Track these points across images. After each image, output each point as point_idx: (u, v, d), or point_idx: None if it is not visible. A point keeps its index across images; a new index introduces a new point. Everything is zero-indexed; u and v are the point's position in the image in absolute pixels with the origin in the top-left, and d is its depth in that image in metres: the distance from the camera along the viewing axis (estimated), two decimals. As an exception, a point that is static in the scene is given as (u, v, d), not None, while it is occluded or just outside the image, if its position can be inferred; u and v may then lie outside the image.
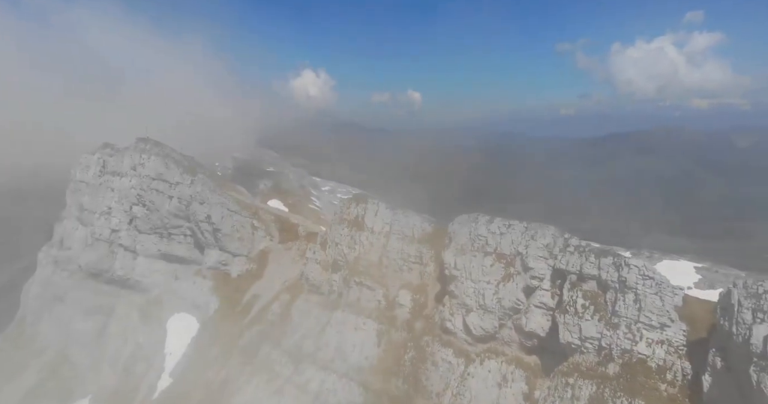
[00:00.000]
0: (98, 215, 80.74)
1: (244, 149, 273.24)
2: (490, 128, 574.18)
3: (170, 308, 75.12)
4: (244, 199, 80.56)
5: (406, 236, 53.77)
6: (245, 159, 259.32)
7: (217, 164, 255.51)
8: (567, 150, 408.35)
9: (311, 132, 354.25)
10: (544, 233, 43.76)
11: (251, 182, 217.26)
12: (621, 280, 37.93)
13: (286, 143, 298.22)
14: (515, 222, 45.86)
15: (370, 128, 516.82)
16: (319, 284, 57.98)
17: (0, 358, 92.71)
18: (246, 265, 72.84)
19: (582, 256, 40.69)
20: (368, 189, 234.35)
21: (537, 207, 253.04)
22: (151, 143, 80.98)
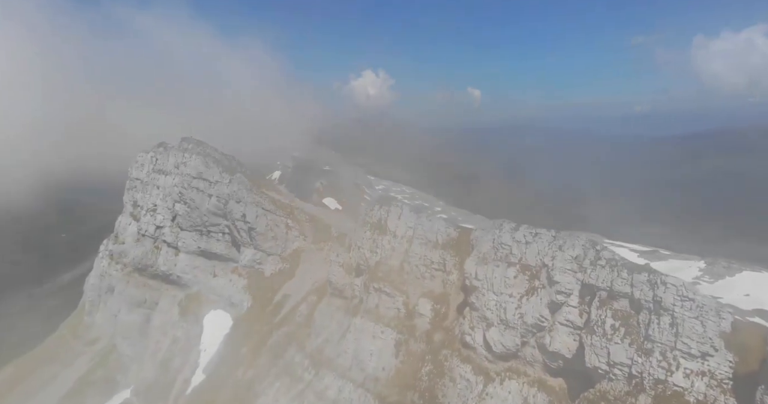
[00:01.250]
0: (145, 211, 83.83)
1: (303, 149, 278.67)
2: (555, 126, 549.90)
3: (207, 304, 76.52)
4: (281, 198, 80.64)
5: (429, 241, 50.93)
6: (304, 158, 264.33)
7: (278, 162, 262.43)
8: (643, 149, 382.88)
9: (369, 131, 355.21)
10: (573, 243, 39.52)
11: (308, 180, 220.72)
12: (656, 300, 33.33)
13: (344, 142, 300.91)
14: (542, 231, 41.88)
15: (428, 127, 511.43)
16: (342, 288, 56.37)
17: (59, 345, 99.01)
18: (279, 264, 72.71)
19: (613, 271, 36.28)
20: (423, 189, 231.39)
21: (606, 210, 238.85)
22: (194, 142, 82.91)
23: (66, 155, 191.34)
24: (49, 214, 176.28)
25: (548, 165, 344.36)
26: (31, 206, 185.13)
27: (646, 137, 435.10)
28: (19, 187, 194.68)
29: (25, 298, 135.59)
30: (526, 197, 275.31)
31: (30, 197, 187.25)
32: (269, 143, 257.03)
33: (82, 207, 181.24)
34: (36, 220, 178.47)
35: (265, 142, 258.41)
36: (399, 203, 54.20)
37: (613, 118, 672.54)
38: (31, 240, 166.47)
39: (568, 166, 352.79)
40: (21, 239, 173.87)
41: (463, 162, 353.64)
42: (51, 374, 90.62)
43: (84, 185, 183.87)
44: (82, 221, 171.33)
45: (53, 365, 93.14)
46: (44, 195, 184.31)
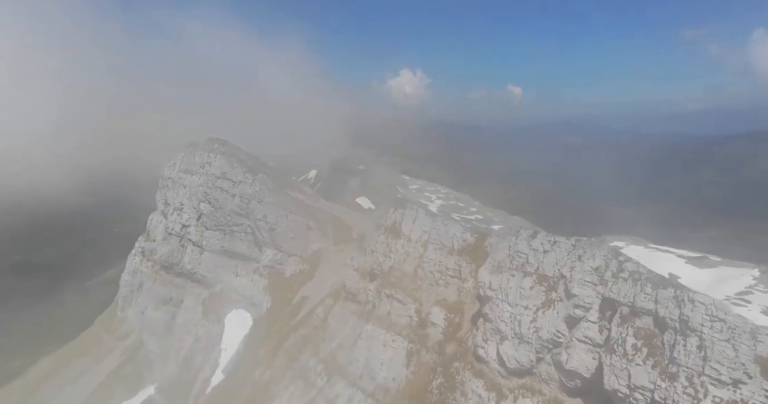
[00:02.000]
0: (172, 210, 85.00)
1: (339, 148, 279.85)
2: (598, 124, 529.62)
3: (230, 303, 76.78)
4: (304, 199, 80.00)
5: (444, 246, 48.74)
6: (339, 157, 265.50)
7: (315, 162, 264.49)
8: (694, 149, 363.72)
9: (405, 131, 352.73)
10: (593, 253, 36.54)
11: (342, 179, 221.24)
12: (682, 319, 30.14)
13: (380, 141, 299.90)
14: (561, 239, 39.02)
15: (465, 126, 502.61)
16: (356, 293, 54.94)
17: (93, 339, 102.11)
18: (299, 265, 72.11)
19: (636, 285, 33.20)
20: (460, 188, 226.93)
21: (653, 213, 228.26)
22: (219, 142, 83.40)
23: (106, 152, 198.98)
24: (101, 209, 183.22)
25: (592, 165, 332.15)
26: (83, 202, 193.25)
27: (697, 136, 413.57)
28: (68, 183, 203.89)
29: (77, 291, 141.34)
30: (568, 198, 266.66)
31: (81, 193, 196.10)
32: (306, 143, 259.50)
33: (133, 203, 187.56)
34: (89, 215, 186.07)
35: (303, 142, 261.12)
36: (414, 206, 52.17)
37: (660, 116, 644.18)
38: (87, 234, 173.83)
39: (613, 165, 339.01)
40: (76, 233, 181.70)
41: (503, 161, 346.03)
42: (84, 367, 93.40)
43: (133, 183, 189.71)
44: (135, 217, 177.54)
45: (87, 358, 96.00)
46: (97, 192, 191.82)
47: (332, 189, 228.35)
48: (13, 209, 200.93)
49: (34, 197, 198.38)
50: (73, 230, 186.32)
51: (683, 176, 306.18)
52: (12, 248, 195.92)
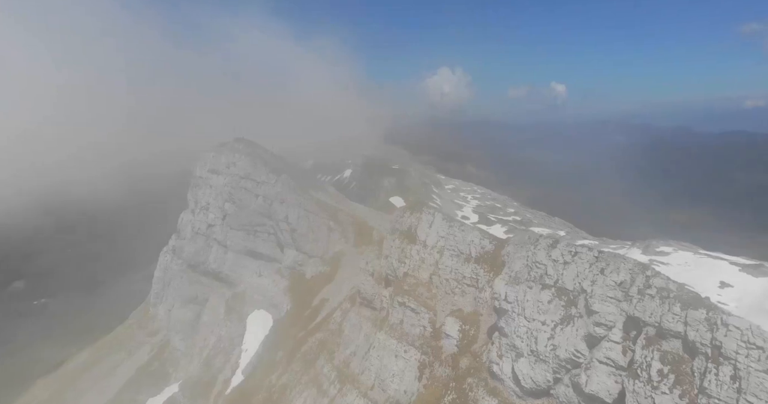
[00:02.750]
0: (200, 209, 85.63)
1: (375, 147, 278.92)
2: (647, 123, 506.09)
3: (252, 304, 76.55)
4: (327, 200, 78.75)
5: (461, 253, 46.09)
6: (373, 157, 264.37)
7: (350, 161, 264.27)
8: (754, 147, 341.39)
9: (442, 130, 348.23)
10: (617, 266, 33.20)
11: (376, 178, 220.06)
12: (715, 345, 26.70)
13: (416, 141, 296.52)
14: (583, 250, 35.79)
15: (505, 124, 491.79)
16: (371, 299, 53.05)
17: (126, 334, 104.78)
18: (320, 267, 70.92)
19: (664, 303, 29.79)
20: (498, 188, 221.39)
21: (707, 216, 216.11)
22: (245, 143, 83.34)
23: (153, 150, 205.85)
24: (151, 206, 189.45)
25: (640, 164, 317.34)
26: (133, 198, 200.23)
27: (757, 135, 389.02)
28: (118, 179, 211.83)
29: (125, 283, 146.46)
30: (614, 199, 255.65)
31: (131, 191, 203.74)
32: (342, 143, 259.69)
33: (181, 200, 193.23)
34: (139, 211, 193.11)
35: (339, 141, 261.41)
36: (431, 210, 49.67)
37: (715, 114, 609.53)
38: (137, 229, 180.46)
39: (663, 165, 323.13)
40: (127, 227, 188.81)
41: (544, 161, 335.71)
42: (117, 361, 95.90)
43: (180, 181, 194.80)
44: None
45: (120, 352, 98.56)
46: (146, 189, 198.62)
47: (366, 188, 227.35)
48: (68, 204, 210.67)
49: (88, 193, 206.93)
50: (124, 224, 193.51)
51: (740, 176, 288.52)
52: (68, 240, 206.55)
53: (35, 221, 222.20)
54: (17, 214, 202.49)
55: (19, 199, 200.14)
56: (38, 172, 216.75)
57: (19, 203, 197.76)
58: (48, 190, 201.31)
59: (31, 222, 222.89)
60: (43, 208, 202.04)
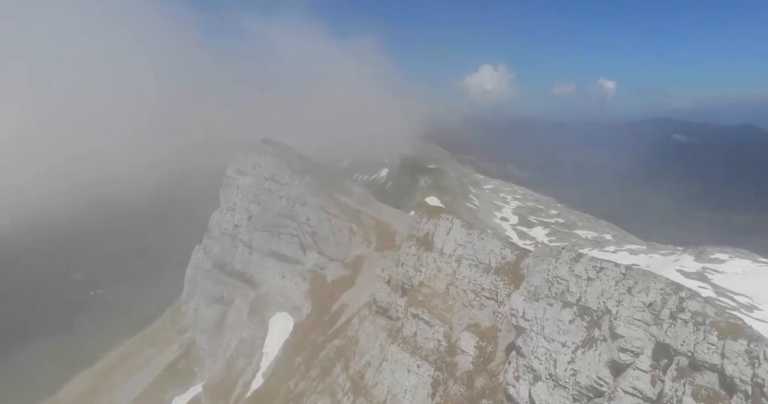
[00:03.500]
0: (227, 209, 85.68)
1: (411, 147, 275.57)
2: (706, 121, 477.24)
3: (274, 306, 75.81)
4: (350, 202, 76.91)
5: (480, 263, 43.13)
6: (410, 156, 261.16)
7: (386, 160, 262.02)
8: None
9: (482, 128, 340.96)
10: (647, 285, 29.63)
11: (413, 178, 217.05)
12: (757, 382, 23.10)
13: (455, 140, 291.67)
14: (609, 265, 32.33)
15: (549, 123, 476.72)
16: (387, 308, 50.82)
17: (159, 330, 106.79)
18: (341, 271, 69.30)
19: (698, 330, 26.18)
20: (541, 189, 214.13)
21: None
22: (272, 144, 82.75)
23: (190, 148, 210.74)
24: (200, 204, 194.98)
25: (698, 165, 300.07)
26: (182, 195, 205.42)
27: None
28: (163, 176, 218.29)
29: (172, 277, 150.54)
30: (668, 202, 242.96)
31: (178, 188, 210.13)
32: (379, 142, 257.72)
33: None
34: (190, 207, 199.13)
35: (375, 141, 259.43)
36: (449, 216, 46.84)
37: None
38: (194, 224, 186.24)
39: (724, 166, 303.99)
40: (181, 222, 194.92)
41: (593, 160, 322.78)
42: (148, 357, 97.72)
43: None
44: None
45: (152, 348, 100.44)
46: (192, 188, 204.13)
47: (402, 188, 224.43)
48: (113, 199, 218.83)
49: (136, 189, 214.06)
50: (169, 219, 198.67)
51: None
52: (127, 233, 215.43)
53: (87, 215, 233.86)
54: (70, 207, 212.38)
55: (71, 191, 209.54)
56: (79, 167, 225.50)
57: (71, 196, 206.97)
58: (92, 185, 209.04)
59: (84, 216, 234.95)
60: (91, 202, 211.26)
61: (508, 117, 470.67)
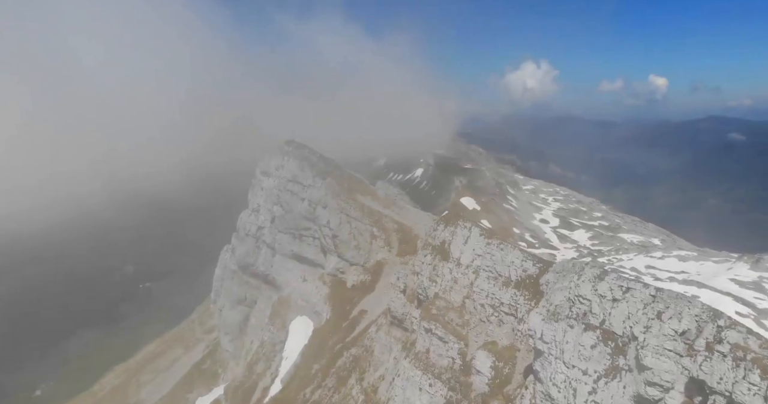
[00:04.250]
0: (251, 211, 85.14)
1: (447, 146, 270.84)
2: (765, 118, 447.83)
3: (296, 309, 74.61)
4: (374, 204, 74.62)
5: (499, 275, 40.08)
6: (445, 156, 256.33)
7: (421, 160, 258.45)
8: None
9: (523, 127, 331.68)
10: (680, 310, 26.11)
11: (448, 178, 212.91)
12: (809, 438, 19.35)
13: (494, 138, 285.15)
14: (637, 286, 28.88)
15: (595, 121, 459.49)
16: (402, 319, 48.37)
17: (188, 329, 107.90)
18: (361, 275, 67.27)
19: (739, 367, 22.62)
20: (583, 190, 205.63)
21: None
22: (295, 145, 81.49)
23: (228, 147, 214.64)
24: (236, 204, 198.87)
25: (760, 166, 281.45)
26: (214, 195, 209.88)
27: None
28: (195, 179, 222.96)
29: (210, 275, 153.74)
30: (723, 205, 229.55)
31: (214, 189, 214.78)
32: (415, 141, 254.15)
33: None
34: (225, 208, 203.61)
35: (411, 140, 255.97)
36: (467, 224, 43.84)
37: None
38: (230, 223, 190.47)
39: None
40: (217, 220, 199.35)
41: (640, 160, 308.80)
42: (176, 355, 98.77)
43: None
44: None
45: (180, 347, 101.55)
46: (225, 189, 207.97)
47: (437, 188, 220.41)
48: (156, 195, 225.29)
49: (172, 187, 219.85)
50: (211, 217, 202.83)
51: None
52: (170, 229, 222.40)
53: (133, 210, 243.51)
54: (108, 203, 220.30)
55: (107, 188, 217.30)
56: (117, 163, 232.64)
57: (107, 192, 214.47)
58: (127, 181, 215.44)
59: (131, 211, 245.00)
60: (128, 198, 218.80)
61: (550, 115, 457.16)
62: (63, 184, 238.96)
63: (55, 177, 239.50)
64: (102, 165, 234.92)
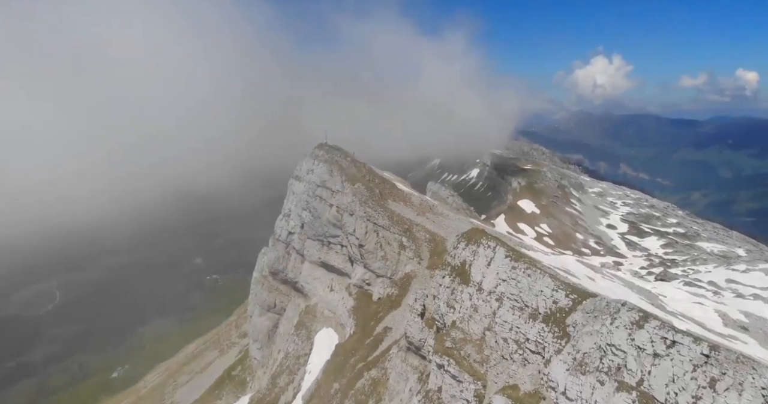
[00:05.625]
0: (283, 215, 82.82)
1: (506, 145, 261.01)
2: None
3: (322, 320, 71.41)
4: (406, 212, 69.72)
5: (525, 306, 34.46)
6: (503, 155, 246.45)
7: (477, 160, 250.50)
8: None
9: (592, 125, 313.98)
10: (741, 379, 20.00)
11: (505, 179, 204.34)
12: None
13: (559, 137, 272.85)
14: (686, 340, 22.84)
15: (672, 118, 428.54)
16: (419, 345, 43.52)
17: (226, 331, 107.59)
18: (387, 289, 62.82)
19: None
20: (657, 193, 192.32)
21: None
22: (326, 148, 78.21)
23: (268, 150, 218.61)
24: None
25: None
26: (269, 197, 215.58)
27: None
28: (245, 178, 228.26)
29: None
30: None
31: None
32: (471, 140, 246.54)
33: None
34: None
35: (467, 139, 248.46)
36: (491, 243, 38.28)
37: None
38: None
39: None
40: None
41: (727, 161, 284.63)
42: (211, 358, 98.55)
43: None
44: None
45: (215, 349, 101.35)
46: None
47: (493, 190, 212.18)
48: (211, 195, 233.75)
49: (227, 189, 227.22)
50: None
51: None
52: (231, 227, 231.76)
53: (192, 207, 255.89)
54: (167, 200, 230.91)
55: (163, 187, 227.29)
56: (175, 165, 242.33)
57: (165, 191, 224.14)
58: (182, 181, 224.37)
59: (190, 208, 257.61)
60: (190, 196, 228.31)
61: (623, 113, 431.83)
62: (127, 184, 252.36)
63: (120, 179, 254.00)
64: (157, 168, 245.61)
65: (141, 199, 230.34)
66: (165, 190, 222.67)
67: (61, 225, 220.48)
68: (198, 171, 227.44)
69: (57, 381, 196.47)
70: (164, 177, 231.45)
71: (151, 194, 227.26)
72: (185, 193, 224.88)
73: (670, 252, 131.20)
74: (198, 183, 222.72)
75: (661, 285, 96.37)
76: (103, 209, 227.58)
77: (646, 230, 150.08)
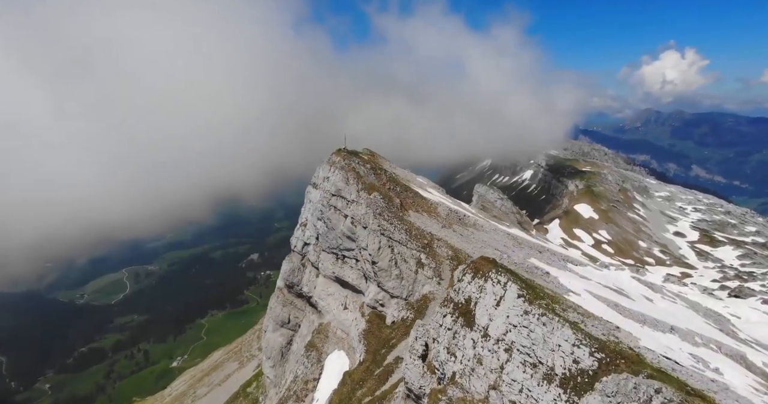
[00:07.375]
0: (299, 225, 77.63)
1: (562, 145, 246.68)
2: None
3: (334, 342, 65.35)
4: (427, 226, 62.35)
5: (539, 363, 26.81)
6: (559, 156, 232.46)
7: (530, 161, 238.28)
8: None
9: (661, 124, 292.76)
10: None
11: (560, 182, 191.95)
12: None
13: (623, 137, 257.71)
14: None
15: (752, 117, 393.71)
16: (419, 394, 36.35)
17: (248, 342, 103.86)
18: (402, 311, 55.88)
19: None
20: (734, 198, 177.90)
21: None
22: (343, 154, 72.20)
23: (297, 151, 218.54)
24: None
25: None
26: None
27: None
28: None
29: None
30: None
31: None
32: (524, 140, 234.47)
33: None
34: None
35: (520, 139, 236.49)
36: (502, 278, 30.69)
37: None
38: None
39: None
40: None
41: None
42: (230, 370, 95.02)
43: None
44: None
45: (235, 361, 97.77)
46: None
47: (547, 193, 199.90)
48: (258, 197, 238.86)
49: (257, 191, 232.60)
50: None
51: None
52: None
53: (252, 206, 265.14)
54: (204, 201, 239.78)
55: (209, 187, 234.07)
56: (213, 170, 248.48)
57: (205, 194, 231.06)
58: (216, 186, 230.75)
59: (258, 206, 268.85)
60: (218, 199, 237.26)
61: (695, 111, 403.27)
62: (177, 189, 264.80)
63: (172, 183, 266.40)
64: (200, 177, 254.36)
65: (181, 198, 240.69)
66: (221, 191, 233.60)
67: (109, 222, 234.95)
68: (248, 172, 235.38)
69: (123, 367, 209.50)
70: (213, 182, 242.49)
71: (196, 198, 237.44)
72: (239, 193, 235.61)
73: (748, 264, 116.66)
74: (250, 184, 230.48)
75: (735, 303, 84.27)
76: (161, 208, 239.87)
77: (720, 239, 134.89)
